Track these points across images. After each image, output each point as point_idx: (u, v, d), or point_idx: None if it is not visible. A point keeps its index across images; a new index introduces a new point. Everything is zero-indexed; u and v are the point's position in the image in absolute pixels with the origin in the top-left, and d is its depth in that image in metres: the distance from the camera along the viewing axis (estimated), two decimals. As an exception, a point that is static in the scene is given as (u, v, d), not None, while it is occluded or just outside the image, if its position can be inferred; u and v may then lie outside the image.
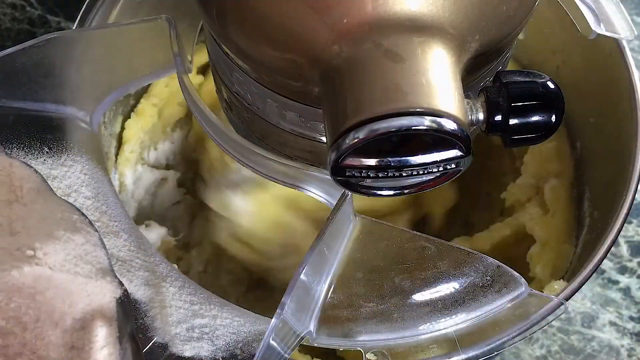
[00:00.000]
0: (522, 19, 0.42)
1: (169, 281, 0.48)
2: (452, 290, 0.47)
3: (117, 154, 0.67)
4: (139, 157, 0.69)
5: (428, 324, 0.46)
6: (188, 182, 0.75)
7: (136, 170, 0.69)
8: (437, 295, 0.47)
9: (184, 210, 0.74)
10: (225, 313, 0.47)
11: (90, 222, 0.44)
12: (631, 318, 0.68)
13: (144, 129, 0.68)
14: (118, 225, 0.50)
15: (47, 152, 0.49)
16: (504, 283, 0.47)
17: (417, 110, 0.36)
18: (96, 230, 0.43)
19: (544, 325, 0.47)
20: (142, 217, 0.70)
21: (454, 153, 0.38)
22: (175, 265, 0.50)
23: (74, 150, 0.51)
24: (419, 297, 0.47)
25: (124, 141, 0.67)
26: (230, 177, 0.68)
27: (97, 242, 0.43)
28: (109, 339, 0.40)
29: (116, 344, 0.40)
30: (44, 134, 0.50)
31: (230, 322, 0.47)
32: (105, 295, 0.41)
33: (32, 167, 0.44)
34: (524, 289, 0.47)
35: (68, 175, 0.50)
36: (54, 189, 0.45)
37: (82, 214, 0.44)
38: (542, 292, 0.50)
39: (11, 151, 0.48)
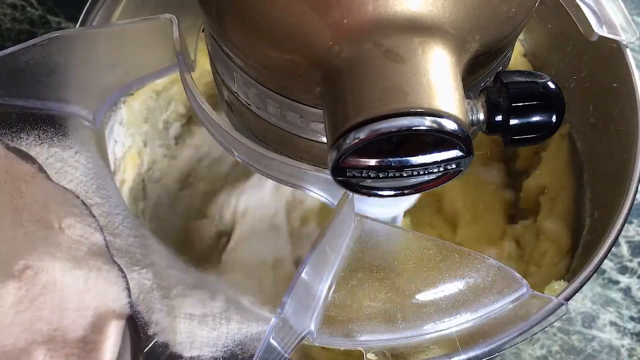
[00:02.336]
0: (522, 19, 0.42)
1: (171, 279, 0.48)
2: (454, 291, 0.47)
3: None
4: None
5: (429, 324, 0.46)
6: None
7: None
8: (438, 295, 0.47)
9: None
10: (226, 312, 0.47)
11: (86, 206, 0.44)
12: (631, 318, 0.68)
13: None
14: (120, 222, 0.50)
15: (49, 149, 0.50)
16: (505, 284, 0.47)
17: (418, 110, 0.36)
18: (93, 216, 0.44)
19: (546, 326, 0.47)
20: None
21: (454, 153, 0.38)
22: (179, 261, 0.51)
23: (77, 147, 0.51)
24: (420, 297, 0.47)
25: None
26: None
27: (96, 228, 0.43)
28: (117, 328, 0.40)
29: (120, 331, 0.40)
30: (47, 132, 0.50)
31: (230, 321, 0.47)
32: (114, 290, 0.42)
33: (29, 154, 0.45)
34: (525, 290, 0.47)
35: (71, 172, 0.50)
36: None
37: (79, 198, 0.44)
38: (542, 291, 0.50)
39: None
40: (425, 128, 0.36)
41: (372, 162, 0.38)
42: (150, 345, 0.45)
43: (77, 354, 0.39)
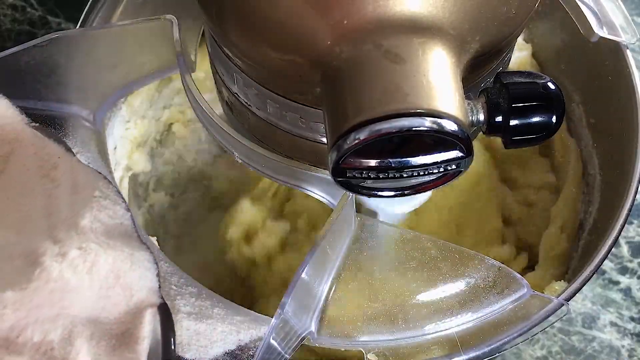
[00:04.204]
0: (522, 19, 0.42)
1: (171, 280, 0.48)
2: (454, 291, 0.47)
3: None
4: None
5: (430, 324, 0.46)
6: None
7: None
8: (438, 296, 0.47)
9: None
10: (226, 312, 0.47)
11: (114, 185, 0.44)
12: (632, 319, 0.68)
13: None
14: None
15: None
16: (505, 284, 0.47)
17: (418, 111, 0.36)
18: (121, 197, 0.44)
19: (546, 327, 0.47)
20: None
21: (454, 154, 0.38)
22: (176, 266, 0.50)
23: (77, 147, 0.51)
24: (420, 297, 0.47)
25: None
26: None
27: (127, 208, 0.43)
28: (153, 315, 0.41)
29: (155, 317, 0.40)
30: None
31: (231, 322, 0.47)
32: (149, 276, 0.42)
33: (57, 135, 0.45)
34: (525, 290, 0.47)
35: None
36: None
37: (106, 178, 0.44)
38: (543, 292, 0.50)
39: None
40: (425, 129, 0.36)
41: (373, 162, 0.38)
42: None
43: (114, 343, 0.39)
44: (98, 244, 0.41)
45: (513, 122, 0.39)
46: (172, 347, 0.41)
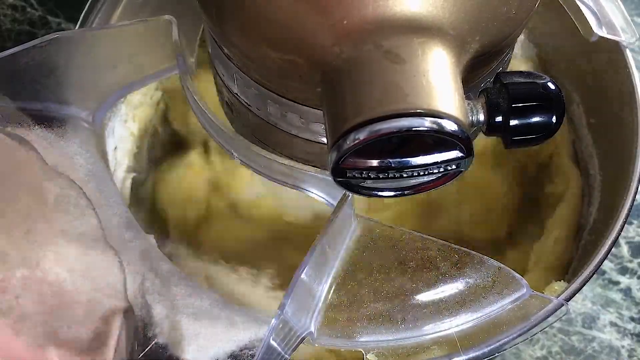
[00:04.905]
0: (522, 19, 0.42)
1: (170, 280, 0.48)
2: (453, 291, 0.47)
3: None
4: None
5: (429, 325, 0.46)
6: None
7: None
8: (438, 296, 0.47)
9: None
10: (226, 313, 0.47)
11: (80, 188, 0.44)
12: (632, 319, 0.68)
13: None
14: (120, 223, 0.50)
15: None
16: (505, 284, 0.47)
17: (418, 111, 0.36)
18: (92, 205, 0.44)
19: (545, 327, 0.47)
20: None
21: (454, 154, 0.38)
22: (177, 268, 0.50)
23: (77, 148, 0.51)
24: (420, 298, 0.47)
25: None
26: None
27: (92, 214, 0.43)
28: (120, 321, 0.41)
29: (122, 323, 0.41)
30: (47, 133, 0.50)
31: (230, 322, 0.47)
32: (118, 282, 0.42)
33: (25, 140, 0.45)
34: (525, 290, 0.47)
35: (70, 174, 0.50)
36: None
37: (75, 183, 0.44)
38: (542, 291, 0.50)
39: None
40: (425, 129, 0.36)
41: (373, 162, 0.38)
42: (149, 347, 0.44)
43: (82, 348, 0.39)
44: (68, 250, 0.41)
45: (513, 122, 0.39)
46: (139, 354, 0.41)
